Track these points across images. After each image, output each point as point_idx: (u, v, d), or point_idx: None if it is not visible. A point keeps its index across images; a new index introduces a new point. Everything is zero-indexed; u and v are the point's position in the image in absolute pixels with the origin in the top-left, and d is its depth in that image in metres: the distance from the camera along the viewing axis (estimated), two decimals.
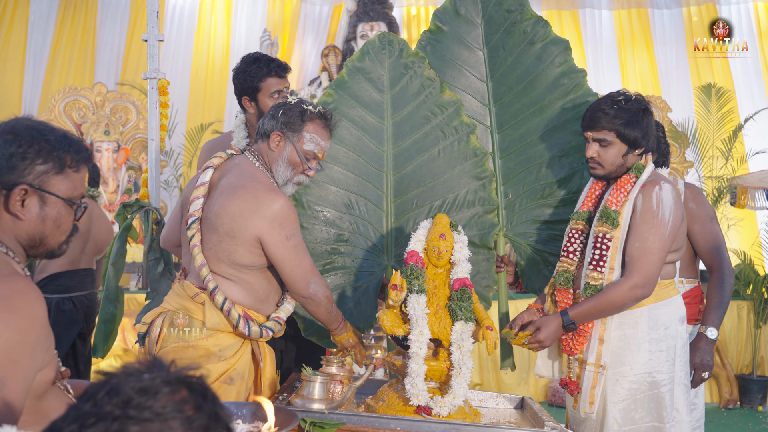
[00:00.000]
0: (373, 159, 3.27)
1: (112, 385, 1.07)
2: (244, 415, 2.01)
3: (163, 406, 1.06)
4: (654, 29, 9.47)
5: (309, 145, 2.68)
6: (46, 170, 1.63)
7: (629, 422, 2.76)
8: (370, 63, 3.33)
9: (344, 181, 3.25)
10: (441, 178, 3.26)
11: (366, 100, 3.30)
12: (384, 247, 3.24)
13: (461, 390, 2.52)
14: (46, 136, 1.63)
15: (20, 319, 1.49)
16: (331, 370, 2.65)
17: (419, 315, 2.55)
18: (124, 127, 8.06)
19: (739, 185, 7.28)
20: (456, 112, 3.27)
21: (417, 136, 3.28)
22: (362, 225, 3.24)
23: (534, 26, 3.34)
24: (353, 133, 3.27)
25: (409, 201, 3.26)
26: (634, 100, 2.83)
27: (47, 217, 1.66)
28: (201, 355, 2.49)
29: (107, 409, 1.05)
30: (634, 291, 2.70)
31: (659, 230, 2.72)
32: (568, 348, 2.83)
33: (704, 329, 3.19)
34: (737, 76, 9.12)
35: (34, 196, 1.63)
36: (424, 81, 3.29)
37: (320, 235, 3.20)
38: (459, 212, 3.23)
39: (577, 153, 3.24)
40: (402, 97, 3.30)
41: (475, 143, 3.25)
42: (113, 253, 3.60)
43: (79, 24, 9.41)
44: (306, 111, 2.69)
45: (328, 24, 9.65)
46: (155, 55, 4.06)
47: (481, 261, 3.21)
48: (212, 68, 9.62)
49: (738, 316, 7.09)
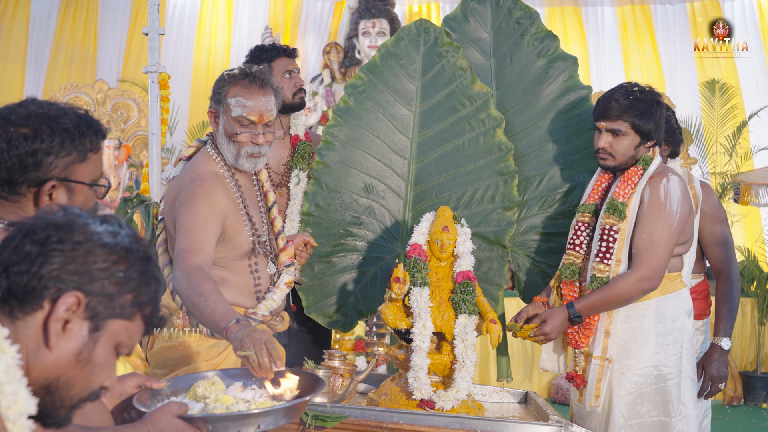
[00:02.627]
0: (397, 145, 3.27)
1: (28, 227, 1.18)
2: (258, 380, 1.99)
3: (82, 235, 1.18)
4: (657, 25, 9.43)
5: (236, 110, 2.45)
6: (71, 161, 1.62)
7: (635, 416, 2.73)
8: (404, 49, 3.33)
9: (365, 165, 3.24)
10: (463, 170, 3.23)
11: (396, 86, 3.30)
12: (399, 235, 3.22)
13: (465, 384, 2.49)
14: (64, 123, 1.60)
15: None
16: (334, 364, 2.63)
17: (422, 308, 2.52)
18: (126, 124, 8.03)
19: (742, 182, 7.24)
20: (485, 105, 3.24)
21: (443, 126, 3.27)
22: (379, 210, 3.23)
23: (543, 40, 3.34)
24: (380, 118, 3.27)
25: (429, 190, 3.24)
26: (648, 92, 2.81)
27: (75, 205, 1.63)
28: (186, 355, 2.44)
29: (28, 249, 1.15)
30: (640, 283, 2.67)
31: (667, 222, 2.69)
32: (573, 341, 2.80)
33: (718, 340, 3.15)
34: (742, 72, 9.08)
35: (61, 188, 1.62)
36: (456, 71, 3.27)
37: (335, 216, 3.19)
38: (478, 206, 3.20)
39: (579, 167, 3.24)
40: (432, 86, 3.29)
41: (501, 138, 3.21)
42: None
43: (81, 21, 9.39)
44: (225, 77, 2.49)
45: (330, 21, 9.62)
46: (156, 49, 4.04)
47: (495, 259, 3.17)
48: (214, 66, 9.59)
49: (742, 314, 7.05)
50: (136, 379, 1.80)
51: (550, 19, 9.65)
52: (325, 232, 3.16)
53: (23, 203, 1.61)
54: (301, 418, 2.28)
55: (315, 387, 1.93)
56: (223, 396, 1.84)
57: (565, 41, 9.59)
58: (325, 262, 3.17)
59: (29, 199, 1.61)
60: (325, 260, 3.17)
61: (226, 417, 1.73)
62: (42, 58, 9.25)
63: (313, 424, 2.28)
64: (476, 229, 3.15)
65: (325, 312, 3.14)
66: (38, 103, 1.63)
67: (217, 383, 1.88)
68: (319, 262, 3.16)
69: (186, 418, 1.68)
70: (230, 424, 1.72)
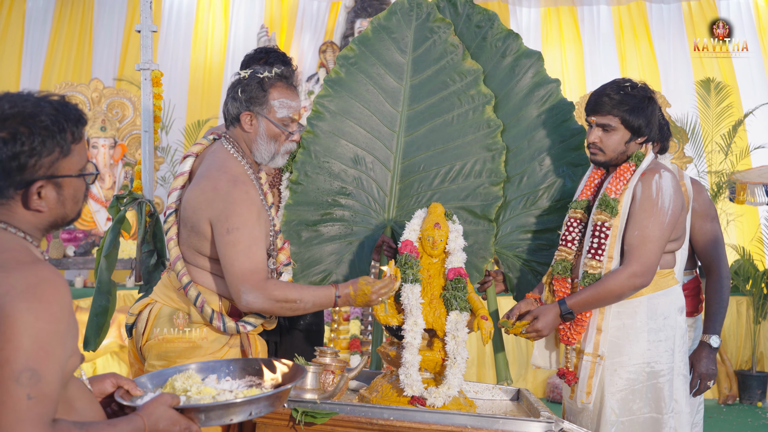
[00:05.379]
0: (386, 118, 3.30)
1: None
2: (232, 371, 2.02)
3: None
4: (652, 24, 9.43)
5: (281, 111, 2.54)
6: (55, 158, 1.59)
7: (627, 413, 2.72)
8: (396, 23, 3.37)
9: (354, 136, 3.28)
10: (451, 145, 3.27)
11: (387, 59, 3.33)
12: (385, 206, 3.26)
13: (456, 380, 2.49)
14: (41, 120, 1.57)
15: (50, 307, 1.47)
16: (325, 360, 2.62)
17: (414, 305, 2.52)
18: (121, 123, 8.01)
19: (738, 181, 7.24)
20: (475, 81, 3.28)
21: (433, 101, 3.30)
22: (367, 181, 3.27)
23: (505, 39, 3.36)
24: (370, 90, 3.31)
25: (416, 164, 3.28)
26: (639, 88, 2.80)
27: (66, 198, 1.63)
28: (187, 348, 2.45)
29: None
30: (632, 279, 2.66)
31: (659, 218, 2.68)
32: (565, 338, 2.79)
33: (707, 338, 3.15)
34: (738, 71, 9.08)
35: (49, 185, 1.60)
36: (447, 47, 3.32)
37: (323, 185, 3.23)
38: (465, 181, 3.24)
39: (558, 160, 3.26)
40: (423, 60, 3.33)
41: (490, 114, 3.25)
42: (106, 245, 3.55)
43: (77, 19, 9.36)
44: (264, 79, 2.53)
45: (326, 20, 9.60)
46: (149, 46, 4.03)
47: (480, 232, 3.21)
48: (210, 65, 9.58)
49: (737, 312, 7.05)
50: (114, 379, 1.81)
51: (546, 18, 9.64)
52: (313, 200, 3.20)
53: (11, 205, 1.59)
54: (291, 414, 2.28)
55: (296, 376, 1.95)
56: (205, 387, 1.85)
57: (560, 40, 9.59)
58: (313, 230, 3.21)
59: (17, 201, 1.59)
60: (313, 229, 3.21)
61: (219, 405, 1.75)
62: (38, 57, 9.23)
63: (303, 421, 2.27)
64: (463, 203, 3.19)
65: (311, 281, 3.16)
66: (11, 100, 1.59)
67: (193, 376, 1.90)
68: (306, 230, 3.19)
69: (179, 408, 1.71)
70: (223, 412, 1.75)
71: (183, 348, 2.44)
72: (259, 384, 1.97)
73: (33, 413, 1.41)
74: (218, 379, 1.98)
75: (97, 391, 1.77)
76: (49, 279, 1.49)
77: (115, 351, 6.54)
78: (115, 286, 3.60)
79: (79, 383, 1.67)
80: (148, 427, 1.64)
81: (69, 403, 1.59)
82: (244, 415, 1.78)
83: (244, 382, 1.98)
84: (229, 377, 2.00)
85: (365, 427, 2.30)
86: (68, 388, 1.60)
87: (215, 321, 2.44)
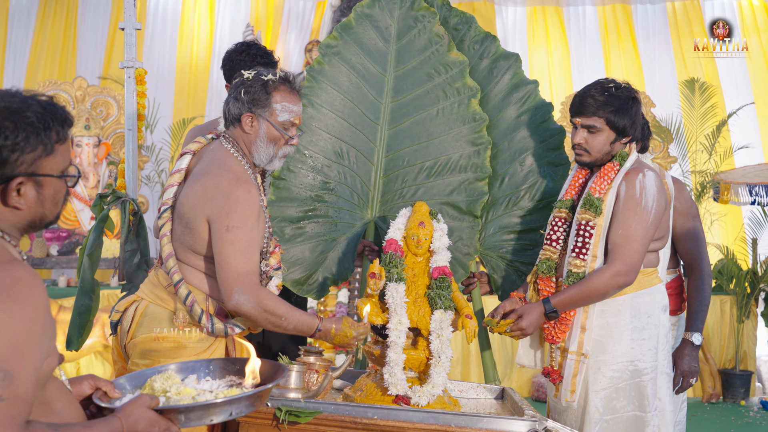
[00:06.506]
0: (369, 110, 3.24)
1: None
2: (212, 371, 2.01)
3: None
4: (637, 25, 9.48)
5: (283, 115, 2.54)
6: (38, 155, 1.57)
7: (611, 411, 2.73)
8: (380, 11, 3.31)
9: (337, 129, 3.22)
10: (436, 139, 3.23)
11: (370, 49, 3.27)
12: (369, 201, 3.22)
13: (440, 379, 2.48)
14: (27, 117, 1.56)
15: (25, 308, 1.45)
16: (309, 360, 2.61)
17: (398, 304, 2.51)
18: (105, 121, 7.97)
19: (722, 180, 7.28)
20: (460, 74, 3.23)
21: (418, 93, 3.25)
22: (350, 176, 3.21)
23: (483, 42, 3.36)
24: (353, 80, 3.24)
25: (400, 158, 3.23)
26: (624, 88, 2.81)
27: (45, 198, 1.61)
28: (172, 347, 2.42)
29: None
30: (616, 278, 2.67)
31: (642, 218, 2.69)
32: (549, 336, 2.80)
33: (689, 335, 3.16)
34: (722, 72, 9.13)
35: (29, 183, 1.58)
36: (432, 37, 3.26)
37: (306, 180, 3.18)
38: (450, 175, 3.20)
39: (539, 160, 3.26)
40: (408, 51, 3.27)
41: (475, 108, 3.21)
42: (89, 244, 3.53)
43: (61, 18, 9.31)
44: (268, 82, 2.53)
45: (312, 19, 9.59)
46: (132, 44, 4.01)
47: (465, 228, 3.19)
48: (196, 63, 9.54)
49: (721, 311, 7.09)
50: (92, 380, 1.80)
51: (532, 18, 9.67)
52: (296, 196, 3.15)
53: None
54: (275, 414, 2.27)
55: (277, 375, 1.93)
56: (184, 388, 1.83)
57: (546, 40, 9.62)
58: (296, 227, 3.16)
59: None
60: (296, 226, 3.16)
61: (199, 406, 1.74)
62: (22, 55, 9.17)
63: (287, 420, 2.26)
64: (448, 199, 3.16)
65: (295, 279, 3.12)
66: None
67: (172, 377, 1.88)
68: (289, 227, 3.15)
69: (158, 409, 1.69)
70: (203, 412, 1.74)
71: (168, 347, 2.42)
72: (240, 384, 1.96)
73: (5, 415, 1.39)
74: (198, 380, 1.97)
75: (74, 393, 1.75)
76: (24, 279, 1.47)
77: (99, 351, 6.50)
78: (98, 286, 3.58)
79: (59, 384, 1.65)
80: (127, 428, 1.62)
81: (47, 404, 1.57)
82: (225, 416, 1.77)
83: (224, 382, 1.97)
84: (209, 377, 1.99)
85: (349, 426, 2.29)
86: (47, 389, 1.58)
87: (204, 321, 2.42)
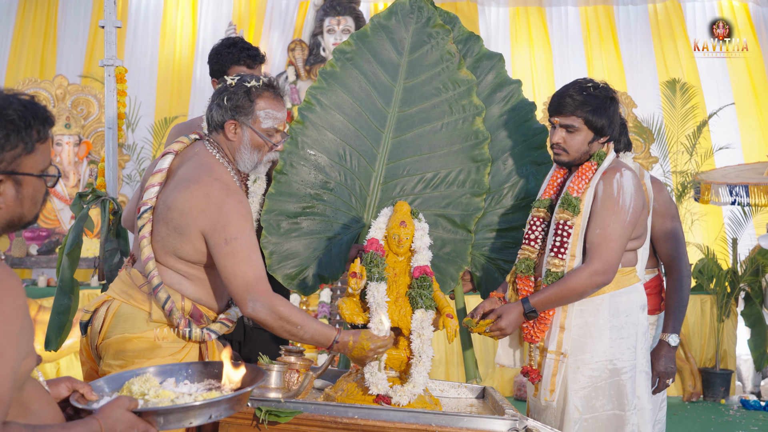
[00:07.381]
0: (376, 117, 3.28)
1: None
2: (191, 375, 2.00)
3: None
4: (619, 25, 9.53)
5: (266, 122, 2.54)
6: (18, 154, 1.56)
7: (590, 410, 2.74)
8: (396, 23, 3.36)
9: (343, 131, 3.25)
10: (438, 152, 3.26)
11: (383, 58, 3.32)
12: (366, 206, 3.24)
13: (421, 379, 2.49)
14: (8, 114, 1.55)
15: (2, 308, 1.44)
16: (289, 359, 2.60)
17: (379, 303, 2.51)
18: (86, 120, 7.90)
19: (703, 181, 7.33)
20: (468, 92, 3.27)
21: (424, 106, 3.29)
22: (350, 178, 3.24)
23: (466, 42, 3.39)
24: (363, 87, 3.29)
25: (401, 167, 3.27)
26: (601, 88, 2.82)
27: (24, 197, 1.60)
28: (147, 348, 2.39)
29: None
30: (594, 278, 2.68)
31: (620, 217, 2.71)
32: (529, 336, 2.81)
33: (666, 336, 3.18)
34: (702, 73, 9.20)
35: (8, 181, 1.57)
36: (444, 54, 3.30)
37: (307, 177, 3.20)
38: (448, 189, 3.23)
39: (521, 159, 3.29)
40: (419, 64, 3.32)
41: (479, 126, 3.24)
42: (68, 244, 3.50)
43: (41, 15, 9.23)
44: (251, 89, 2.52)
45: (295, 18, 9.57)
46: (113, 42, 3.97)
47: (458, 241, 3.20)
48: (179, 62, 9.49)
49: (701, 311, 7.15)
50: (69, 383, 1.80)
51: (515, 18, 9.70)
52: (296, 192, 3.17)
53: None
54: (255, 413, 2.26)
55: (256, 378, 1.94)
56: (163, 391, 1.83)
57: (529, 40, 9.65)
58: (293, 222, 3.17)
59: None
60: (293, 221, 3.17)
61: (178, 408, 1.74)
62: (2, 53, 9.09)
63: (267, 420, 2.26)
64: (443, 211, 3.19)
65: (287, 273, 3.13)
66: None
67: (151, 380, 1.88)
68: (286, 221, 3.16)
69: (137, 411, 1.69)
70: (182, 415, 1.74)
71: (142, 348, 2.39)
72: (218, 387, 1.96)
73: None
74: (176, 383, 1.96)
75: (53, 394, 1.74)
76: (2, 278, 1.46)
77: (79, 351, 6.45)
78: (77, 285, 3.55)
79: (37, 384, 1.64)
80: (105, 430, 1.61)
81: (25, 405, 1.56)
82: (204, 418, 1.76)
83: (203, 386, 1.97)
84: (188, 381, 1.99)
85: (329, 425, 2.29)
86: (24, 390, 1.57)
87: (182, 325, 2.41)
